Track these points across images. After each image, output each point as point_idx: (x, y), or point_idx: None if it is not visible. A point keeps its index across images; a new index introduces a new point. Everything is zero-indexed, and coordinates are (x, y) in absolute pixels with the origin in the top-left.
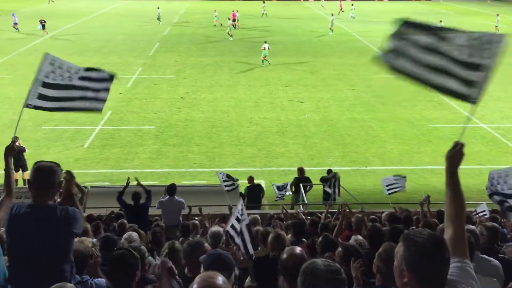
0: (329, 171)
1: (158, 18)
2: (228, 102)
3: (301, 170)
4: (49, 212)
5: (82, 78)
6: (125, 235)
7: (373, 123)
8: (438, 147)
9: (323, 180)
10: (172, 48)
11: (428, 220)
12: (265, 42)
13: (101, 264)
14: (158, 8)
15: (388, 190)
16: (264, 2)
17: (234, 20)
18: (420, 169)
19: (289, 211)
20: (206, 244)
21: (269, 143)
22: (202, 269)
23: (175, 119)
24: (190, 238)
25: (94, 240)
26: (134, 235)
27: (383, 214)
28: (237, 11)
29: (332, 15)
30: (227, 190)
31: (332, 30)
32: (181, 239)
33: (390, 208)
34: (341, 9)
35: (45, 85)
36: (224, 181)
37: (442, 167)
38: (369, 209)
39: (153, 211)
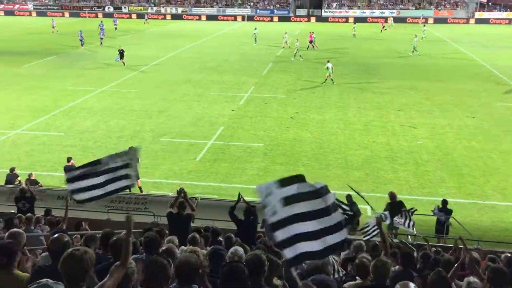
0: (445, 202)
1: (255, 39)
2: (336, 124)
3: (392, 195)
4: None
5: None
6: (231, 249)
7: (494, 154)
8: None
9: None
10: (284, 69)
11: None
12: (328, 61)
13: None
14: (255, 29)
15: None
16: (354, 23)
17: (311, 42)
18: None
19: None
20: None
21: (378, 168)
22: None
23: (284, 138)
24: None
25: (204, 251)
26: (240, 250)
27: (503, 255)
28: (313, 32)
29: (416, 36)
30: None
31: (418, 51)
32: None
33: None
34: (383, 27)
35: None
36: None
37: None
38: (485, 247)
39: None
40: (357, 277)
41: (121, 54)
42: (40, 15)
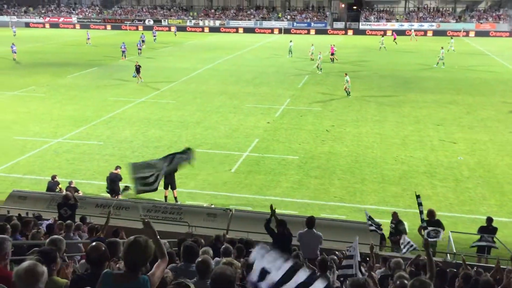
0: (490, 220)
1: (290, 52)
2: (373, 138)
3: (431, 213)
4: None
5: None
6: None
7: None
8: None
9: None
10: (321, 81)
11: None
12: (346, 74)
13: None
14: (290, 41)
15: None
16: (382, 36)
17: (332, 54)
18: None
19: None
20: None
21: (415, 184)
22: None
23: (319, 151)
24: (329, 274)
25: (238, 263)
26: None
27: None
28: (334, 45)
29: (442, 48)
30: (371, 230)
31: (444, 63)
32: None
33: None
34: (395, 39)
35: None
36: (369, 222)
37: None
38: None
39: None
40: None
41: (137, 69)
42: (83, 28)
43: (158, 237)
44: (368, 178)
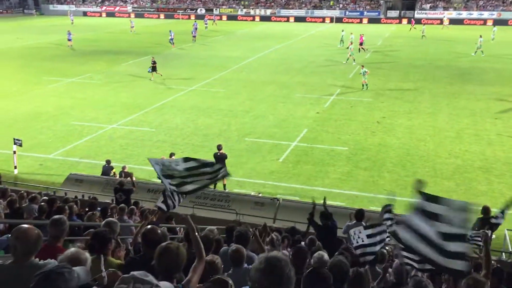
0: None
1: (341, 41)
2: (426, 130)
3: (486, 210)
4: None
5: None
6: (316, 254)
7: None
8: None
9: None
10: (372, 72)
11: None
12: (362, 66)
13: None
14: (342, 31)
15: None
16: (424, 25)
17: (361, 44)
18: None
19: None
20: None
21: (470, 179)
22: None
23: (369, 143)
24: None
25: (286, 252)
26: (326, 255)
27: None
28: (363, 34)
29: (481, 36)
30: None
31: (483, 52)
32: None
33: None
34: (413, 25)
35: (169, 177)
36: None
37: None
38: None
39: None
40: None
41: (154, 66)
42: (138, 17)
43: (197, 233)
44: (419, 172)
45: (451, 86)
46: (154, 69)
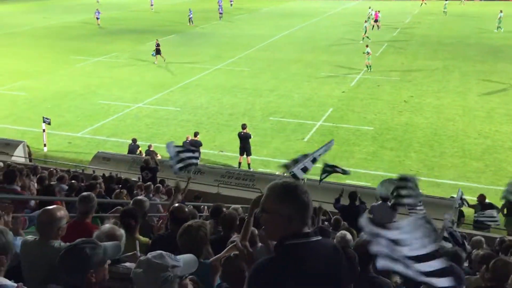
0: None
1: (369, 18)
2: (455, 110)
3: (481, 197)
4: None
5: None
6: (339, 234)
7: None
8: None
9: None
10: (400, 50)
11: None
12: (367, 46)
13: None
14: (369, 8)
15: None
16: (446, 0)
17: (376, 21)
18: None
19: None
20: None
21: (500, 160)
22: None
23: (395, 123)
24: None
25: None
26: (349, 235)
27: None
28: (379, 11)
29: (501, 11)
30: (457, 207)
31: (501, 27)
32: None
33: None
34: (423, 1)
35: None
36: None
37: None
38: None
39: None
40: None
41: (157, 49)
42: None
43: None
44: (447, 152)
45: (482, 64)
46: (158, 52)
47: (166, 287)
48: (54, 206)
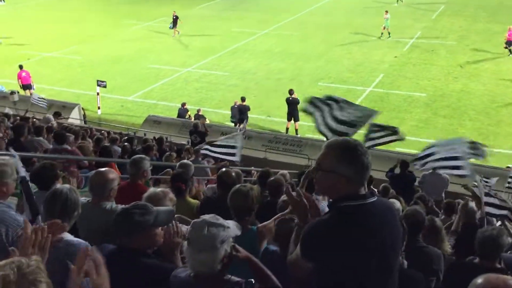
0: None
1: None
2: None
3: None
4: None
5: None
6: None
7: None
8: None
9: None
10: (458, 12)
11: None
12: (386, 12)
13: None
14: None
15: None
16: None
17: None
18: None
19: None
20: None
21: None
22: None
23: (450, 89)
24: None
25: None
26: (397, 203)
27: None
28: None
29: None
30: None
31: None
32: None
33: None
34: None
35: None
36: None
37: None
38: None
39: None
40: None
41: (174, 20)
42: None
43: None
44: (505, 120)
45: None
46: (175, 24)
47: (222, 247)
48: (106, 168)
